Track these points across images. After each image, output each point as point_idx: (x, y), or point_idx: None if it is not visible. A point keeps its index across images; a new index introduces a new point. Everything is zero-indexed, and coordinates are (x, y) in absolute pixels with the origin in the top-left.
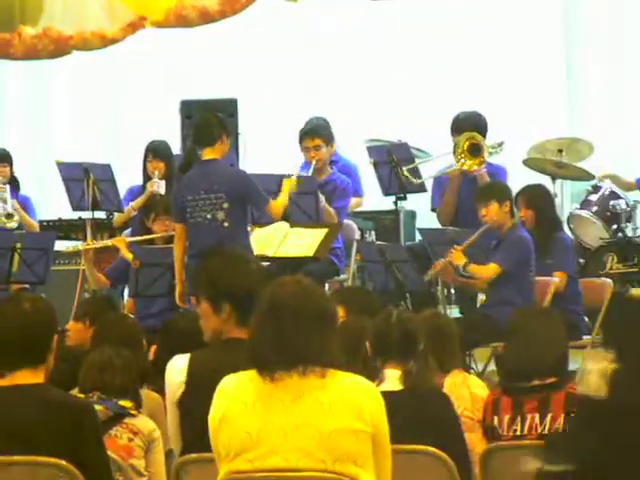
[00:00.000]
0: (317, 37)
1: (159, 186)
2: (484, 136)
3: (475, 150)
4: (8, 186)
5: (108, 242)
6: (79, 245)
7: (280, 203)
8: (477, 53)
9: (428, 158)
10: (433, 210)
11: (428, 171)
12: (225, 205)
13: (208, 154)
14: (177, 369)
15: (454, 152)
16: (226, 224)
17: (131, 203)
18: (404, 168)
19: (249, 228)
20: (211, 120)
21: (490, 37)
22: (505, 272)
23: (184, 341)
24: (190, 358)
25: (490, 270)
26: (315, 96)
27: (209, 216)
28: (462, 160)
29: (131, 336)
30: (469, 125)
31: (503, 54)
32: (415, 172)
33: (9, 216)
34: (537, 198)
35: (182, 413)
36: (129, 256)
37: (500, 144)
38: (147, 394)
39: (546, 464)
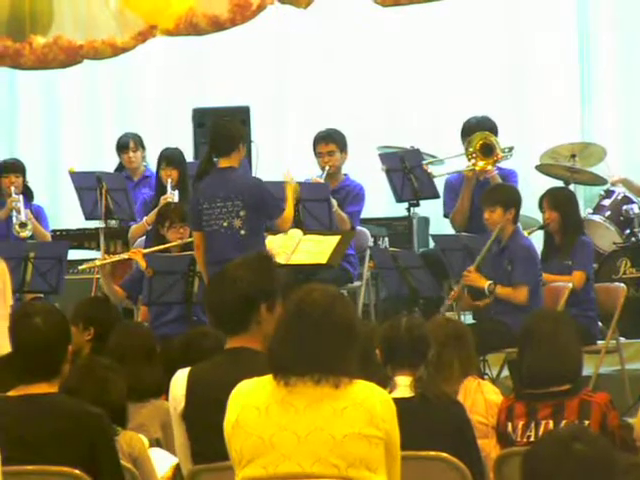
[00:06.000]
0: (328, 44)
1: (172, 200)
2: None
3: (487, 150)
4: (22, 196)
5: (125, 255)
6: (96, 261)
7: (289, 215)
8: (489, 59)
9: (438, 159)
10: (445, 216)
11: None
12: (242, 213)
13: (224, 162)
14: (179, 383)
15: (466, 151)
16: (243, 232)
17: (145, 218)
18: (424, 162)
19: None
20: (229, 129)
21: (502, 42)
22: (531, 286)
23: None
24: (189, 371)
25: (521, 295)
26: (327, 104)
27: (225, 224)
28: (474, 160)
29: (146, 345)
30: (479, 129)
31: (516, 59)
32: (430, 183)
33: (23, 225)
34: (563, 200)
35: (188, 426)
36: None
37: (510, 149)
38: (161, 405)
39: None
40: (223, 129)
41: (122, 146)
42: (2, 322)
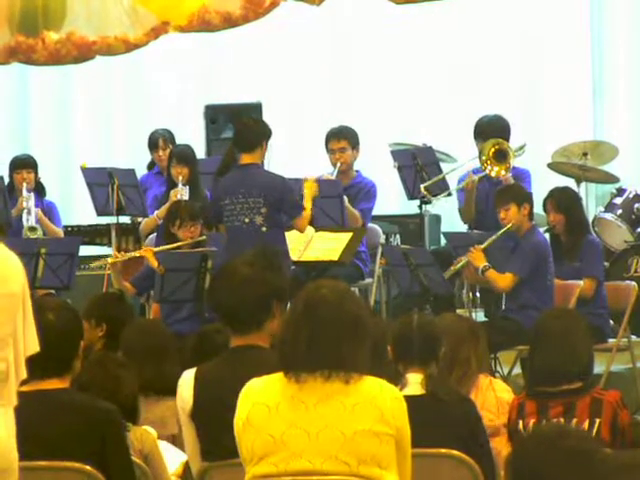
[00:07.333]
0: (341, 41)
1: (182, 195)
2: (507, 139)
3: (501, 156)
4: (33, 195)
5: (135, 253)
6: (108, 259)
7: (306, 216)
8: (501, 56)
9: (452, 169)
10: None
11: (453, 177)
12: (263, 210)
13: (247, 158)
14: (186, 383)
15: (480, 158)
16: (264, 228)
17: (156, 212)
18: (422, 186)
19: None
20: (254, 126)
21: (514, 40)
22: (522, 279)
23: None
24: (196, 371)
25: (506, 280)
26: (339, 100)
27: (247, 220)
28: (488, 167)
29: (161, 342)
30: (492, 129)
31: (528, 57)
32: (442, 182)
33: (32, 229)
34: (566, 201)
35: (197, 425)
36: (156, 265)
37: (522, 147)
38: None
39: None
40: (249, 126)
41: (152, 144)
42: (30, 322)
